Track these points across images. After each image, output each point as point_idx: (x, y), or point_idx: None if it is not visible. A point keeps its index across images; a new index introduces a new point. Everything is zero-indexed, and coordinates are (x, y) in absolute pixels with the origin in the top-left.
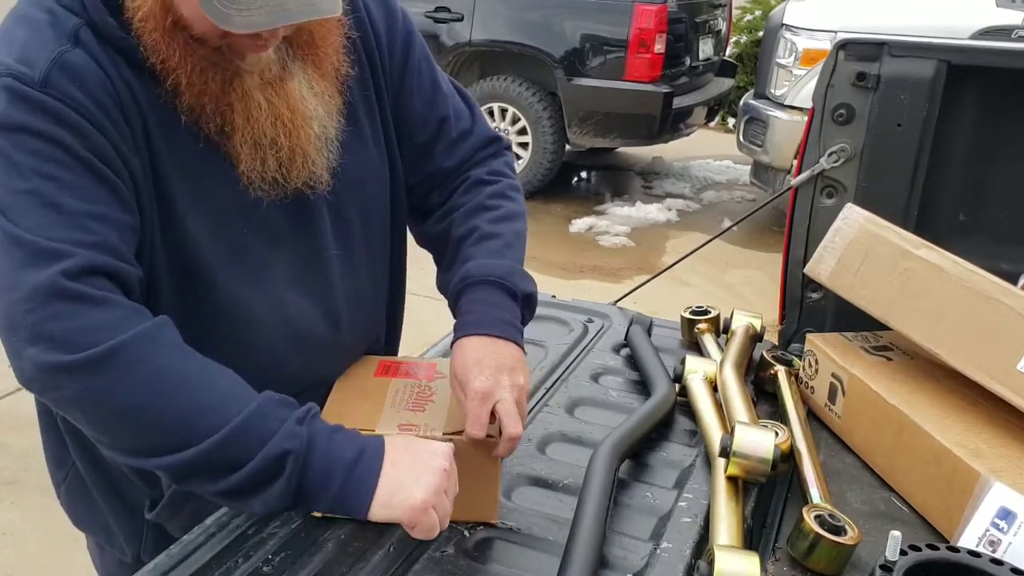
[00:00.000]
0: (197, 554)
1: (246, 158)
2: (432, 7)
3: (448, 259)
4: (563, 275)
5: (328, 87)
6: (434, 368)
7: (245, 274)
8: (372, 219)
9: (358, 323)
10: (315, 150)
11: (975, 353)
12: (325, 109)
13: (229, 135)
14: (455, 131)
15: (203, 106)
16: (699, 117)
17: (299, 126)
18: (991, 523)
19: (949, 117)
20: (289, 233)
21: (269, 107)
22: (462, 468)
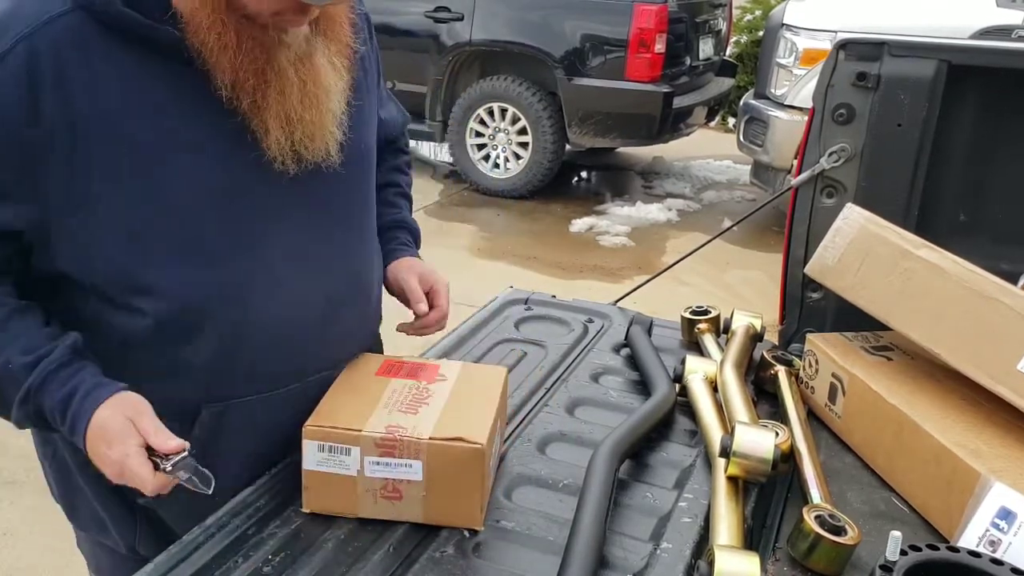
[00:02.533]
0: (197, 554)
1: (275, 131)
2: (432, 7)
3: None
4: (563, 275)
5: (344, 61)
6: (436, 370)
7: (242, 248)
8: (367, 199)
9: (354, 310)
10: (332, 123)
11: (975, 353)
12: (343, 84)
13: (261, 109)
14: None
15: (246, 81)
16: (699, 117)
17: (322, 100)
18: (991, 523)
19: (949, 117)
20: (289, 211)
21: (299, 82)
22: (442, 477)
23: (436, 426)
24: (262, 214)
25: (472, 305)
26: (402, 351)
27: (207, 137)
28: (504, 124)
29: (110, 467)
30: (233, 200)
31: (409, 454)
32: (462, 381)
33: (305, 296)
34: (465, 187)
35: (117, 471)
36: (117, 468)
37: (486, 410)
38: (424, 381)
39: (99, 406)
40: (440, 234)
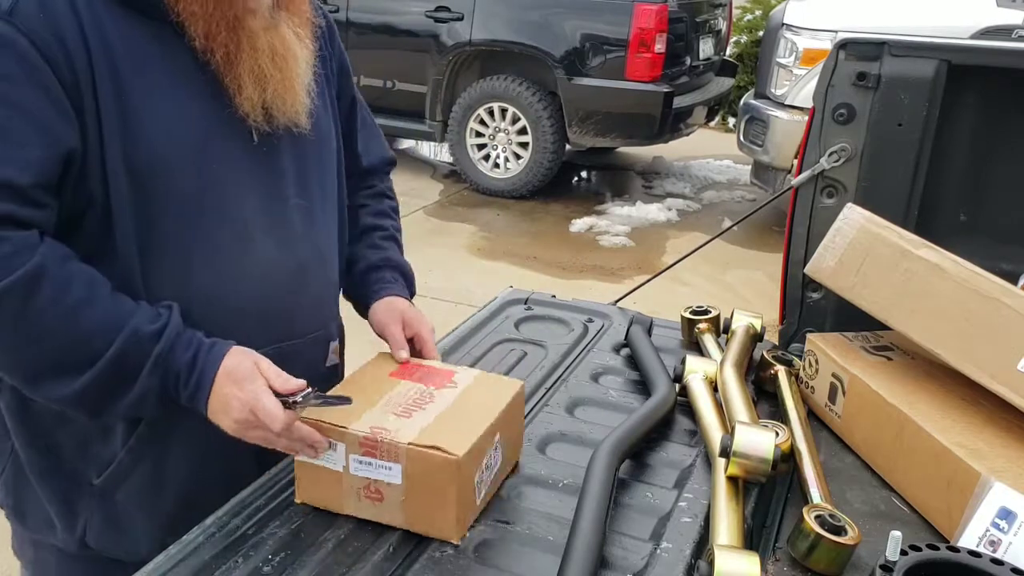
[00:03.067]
0: (197, 554)
1: (247, 85)
2: (432, 7)
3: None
4: (563, 275)
5: (307, 34)
6: (450, 376)
7: (215, 206)
8: (327, 181)
9: (319, 285)
10: (300, 87)
11: (975, 353)
12: (308, 54)
13: (235, 64)
14: (371, 139)
15: (218, 33)
16: (699, 117)
17: (291, 64)
18: (991, 523)
19: (949, 117)
20: (258, 173)
21: (268, 44)
22: (420, 484)
23: (421, 432)
24: (235, 176)
25: (472, 305)
26: None
27: (186, 94)
28: (504, 124)
29: (239, 408)
30: (209, 158)
31: (389, 456)
32: (471, 390)
33: (277, 262)
34: (465, 187)
35: (248, 410)
36: (248, 407)
37: (481, 423)
38: (432, 386)
39: (224, 356)
40: (440, 234)
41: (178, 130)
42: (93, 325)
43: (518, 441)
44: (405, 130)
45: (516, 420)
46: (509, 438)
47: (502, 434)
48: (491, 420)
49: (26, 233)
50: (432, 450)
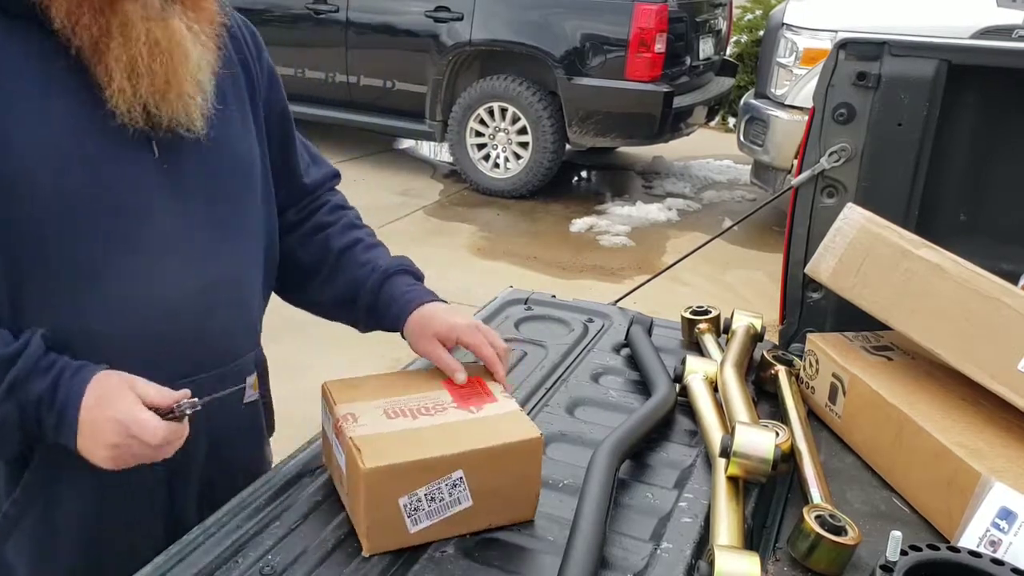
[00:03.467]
0: (197, 554)
1: (117, 77)
2: (432, 7)
3: (331, 268)
4: (563, 275)
5: (207, 29)
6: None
7: (100, 225)
8: (244, 197)
9: (232, 313)
10: (191, 86)
11: (976, 353)
12: (203, 51)
13: (103, 52)
14: (309, 156)
15: (81, 15)
16: (699, 117)
17: (176, 57)
18: (992, 523)
19: (949, 117)
20: (157, 186)
21: (147, 34)
22: (350, 481)
23: (373, 435)
24: (137, 192)
25: (472, 305)
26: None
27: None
28: (504, 124)
29: (112, 430)
30: (92, 173)
31: (343, 443)
32: (484, 422)
33: (176, 285)
34: (465, 187)
35: (123, 430)
36: (122, 427)
37: (438, 451)
38: (457, 403)
39: (91, 379)
40: (440, 234)
41: (51, 143)
42: None
43: (522, 492)
44: (405, 130)
45: (512, 468)
46: (493, 485)
47: (472, 475)
48: (450, 452)
49: None
50: (356, 451)
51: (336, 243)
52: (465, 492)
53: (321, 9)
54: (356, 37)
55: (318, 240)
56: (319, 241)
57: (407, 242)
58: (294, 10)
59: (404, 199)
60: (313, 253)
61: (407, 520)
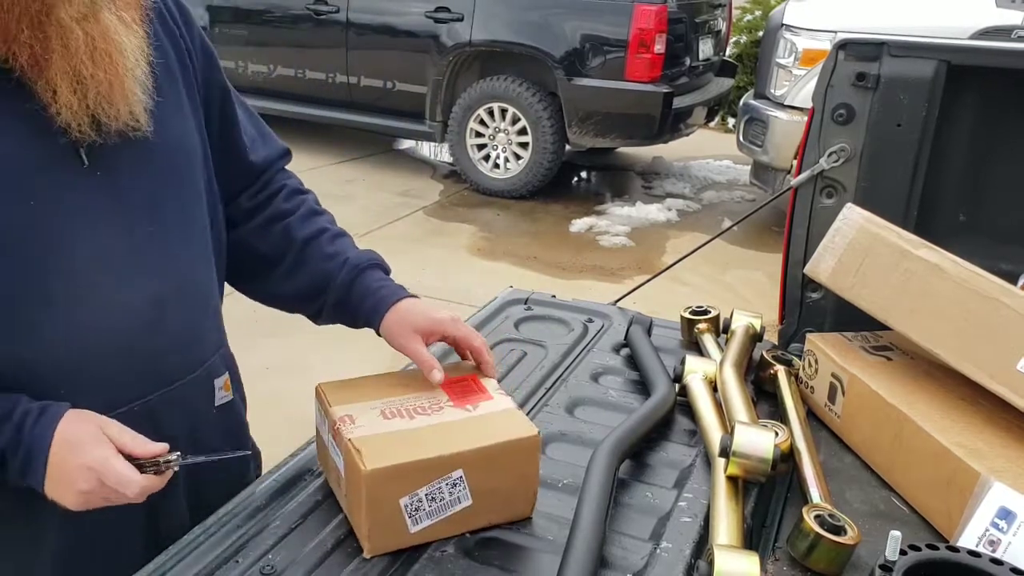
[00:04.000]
0: (197, 554)
1: (63, 91)
2: (432, 7)
3: (295, 259)
4: (563, 275)
5: (135, 17)
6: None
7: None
8: (186, 194)
9: (184, 319)
10: (132, 83)
11: (975, 353)
12: (137, 42)
13: (44, 67)
14: (256, 132)
15: (19, 31)
16: (699, 117)
17: (116, 58)
18: (991, 523)
19: (949, 117)
20: (92, 201)
21: (86, 38)
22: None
23: (372, 435)
24: (62, 211)
25: (472, 305)
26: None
27: None
28: (504, 124)
29: (84, 478)
30: (26, 196)
31: (341, 446)
32: (483, 419)
33: (124, 304)
34: (465, 187)
35: (94, 478)
36: (95, 475)
37: (438, 451)
38: (452, 402)
39: (58, 421)
40: (440, 234)
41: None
42: None
43: (520, 490)
44: (405, 130)
45: (511, 467)
46: (493, 484)
47: (472, 474)
48: (450, 452)
49: None
50: (356, 453)
51: (299, 233)
52: (465, 491)
53: (321, 10)
54: (356, 38)
55: (278, 230)
56: (279, 231)
57: (407, 242)
58: (294, 11)
59: (404, 199)
60: (273, 244)
61: (408, 520)
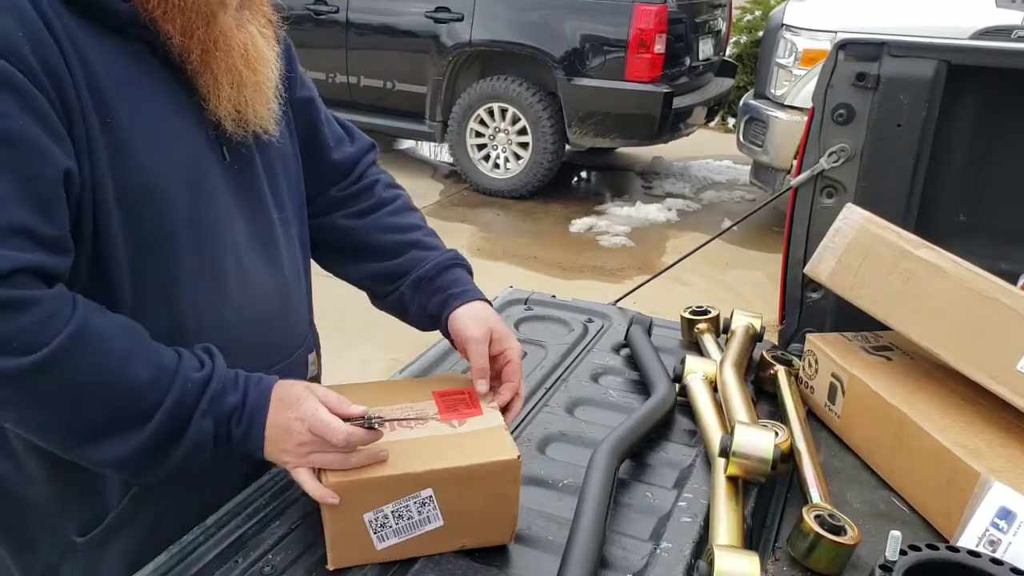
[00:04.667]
0: (197, 554)
1: (226, 87)
2: (432, 7)
3: (389, 246)
4: (563, 275)
5: (272, 33)
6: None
7: (207, 231)
8: (295, 189)
9: (299, 298)
10: (271, 92)
11: (975, 353)
12: (274, 56)
13: (211, 63)
14: (343, 131)
15: (196, 29)
16: (699, 117)
17: (261, 66)
18: (991, 523)
19: (949, 117)
20: (237, 190)
21: (242, 45)
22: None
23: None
24: (221, 196)
25: None
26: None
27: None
28: (504, 124)
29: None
30: (198, 179)
31: None
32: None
33: (267, 284)
34: (465, 187)
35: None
36: (305, 426)
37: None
38: (439, 416)
39: (273, 387)
40: (440, 234)
41: (167, 153)
42: (142, 378)
43: (497, 514)
44: (405, 130)
45: (487, 489)
46: (468, 506)
47: (444, 494)
48: (419, 470)
49: (56, 291)
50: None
51: (400, 221)
52: (435, 511)
53: (321, 10)
54: (356, 38)
55: (375, 219)
56: (376, 220)
57: None
58: (294, 10)
59: None
60: (366, 232)
61: (373, 536)
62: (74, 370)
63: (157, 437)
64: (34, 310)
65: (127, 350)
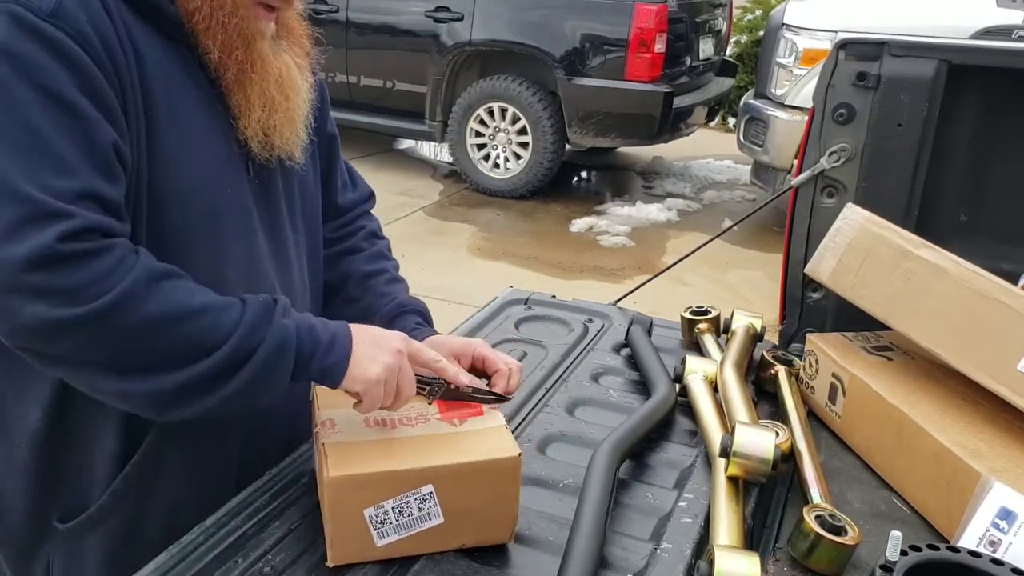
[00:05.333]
0: (197, 554)
1: (256, 108)
2: (432, 7)
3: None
4: (563, 275)
5: (306, 65)
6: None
7: (228, 236)
8: (309, 215)
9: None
10: (300, 121)
11: (975, 353)
12: (307, 86)
13: (245, 84)
14: (348, 177)
15: (235, 48)
16: (699, 117)
17: (294, 94)
18: (991, 523)
19: (949, 117)
20: (258, 203)
21: (277, 71)
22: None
23: (346, 444)
24: (243, 206)
25: (472, 305)
26: None
27: (204, 118)
28: (504, 124)
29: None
30: (223, 185)
31: (316, 449)
32: (466, 436)
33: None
34: (465, 187)
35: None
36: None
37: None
38: (440, 415)
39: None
40: (440, 234)
41: (193, 156)
42: (216, 301)
43: (497, 512)
44: (405, 130)
45: (487, 487)
46: (468, 504)
47: (445, 491)
48: (420, 465)
49: (121, 241)
50: (324, 458)
51: (362, 268)
52: (436, 508)
53: (321, 9)
54: (356, 37)
55: (346, 263)
56: (346, 263)
57: (407, 242)
58: None
59: (404, 199)
60: (337, 273)
61: (373, 533)
62: (148, 303)
63: (240, 344)
64: (105, 256)
65: (192, 287)
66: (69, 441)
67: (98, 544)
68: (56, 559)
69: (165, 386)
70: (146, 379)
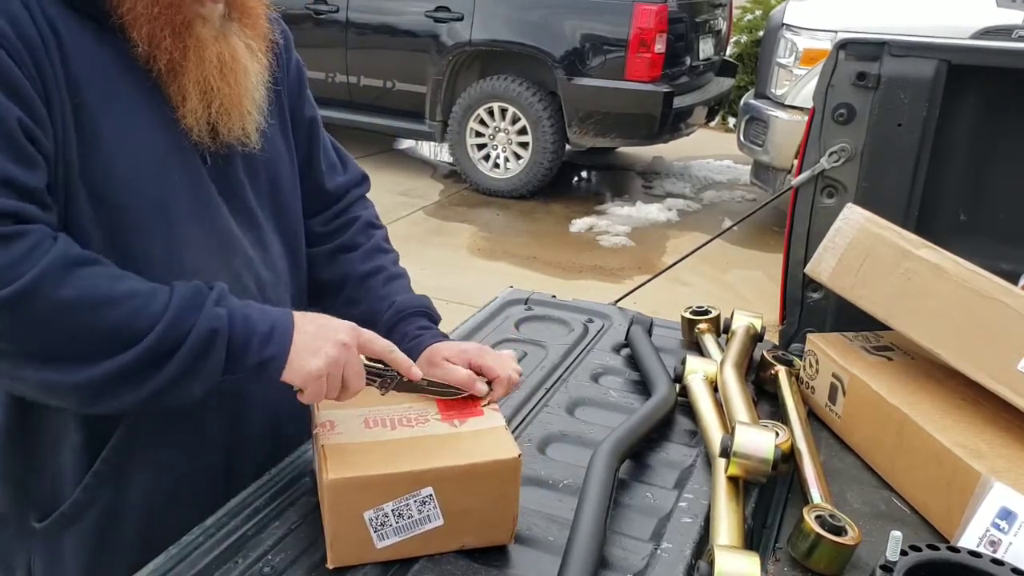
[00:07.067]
0: (197, 554)
1: (192, 98)
2: (432, 7)
3: (351, 292)
4: (563, 275)
5: (261, 47)
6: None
7: (177, 224)
8: (281, 200)
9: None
10: (250, 103)
11: (976, 353)
12: (259, 68)
13: (179, 73)
14: (338, 159)
15: (162, 39)
16: (699, 117)
17: (240, 77)
18: (992, 523)
19: (949, 117)
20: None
21: (218, 55)
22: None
23: (346, 445)
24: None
25: (472, 305)
26: None
27: (142, 106)
28: (504, 124)
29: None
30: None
31: (316, 450)
32: (465, 437)
33: (241, 285)
34: (465, 187)
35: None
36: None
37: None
38: (440, 416)
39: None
40: (440, 234)
41: (138, 145)
42: (141, 287)
43: (497, 514)
44: (405, 130)
45: (487, 488)
46: (468, 506)
47: (445, 493)
48: (420, 468)
49: (38, 227)
50: (324, 460)
51: (359, 268)
52: (435, 510)
53: (321, 9)
54: (356, 37)
55: (341, 261)
56: (343, 262)
57: (407, 242)
58: (294, 10)
59: (404, 199)
60: (335, 274)
61: (373, 535)
62: (63, 288)
63: (167, 332)
64: (19, 242)
65: (117, 273)
66: (35, 439)
67: (76, 541)
68: (36, 559)
69: (90, 376)
70: (68, 369)
